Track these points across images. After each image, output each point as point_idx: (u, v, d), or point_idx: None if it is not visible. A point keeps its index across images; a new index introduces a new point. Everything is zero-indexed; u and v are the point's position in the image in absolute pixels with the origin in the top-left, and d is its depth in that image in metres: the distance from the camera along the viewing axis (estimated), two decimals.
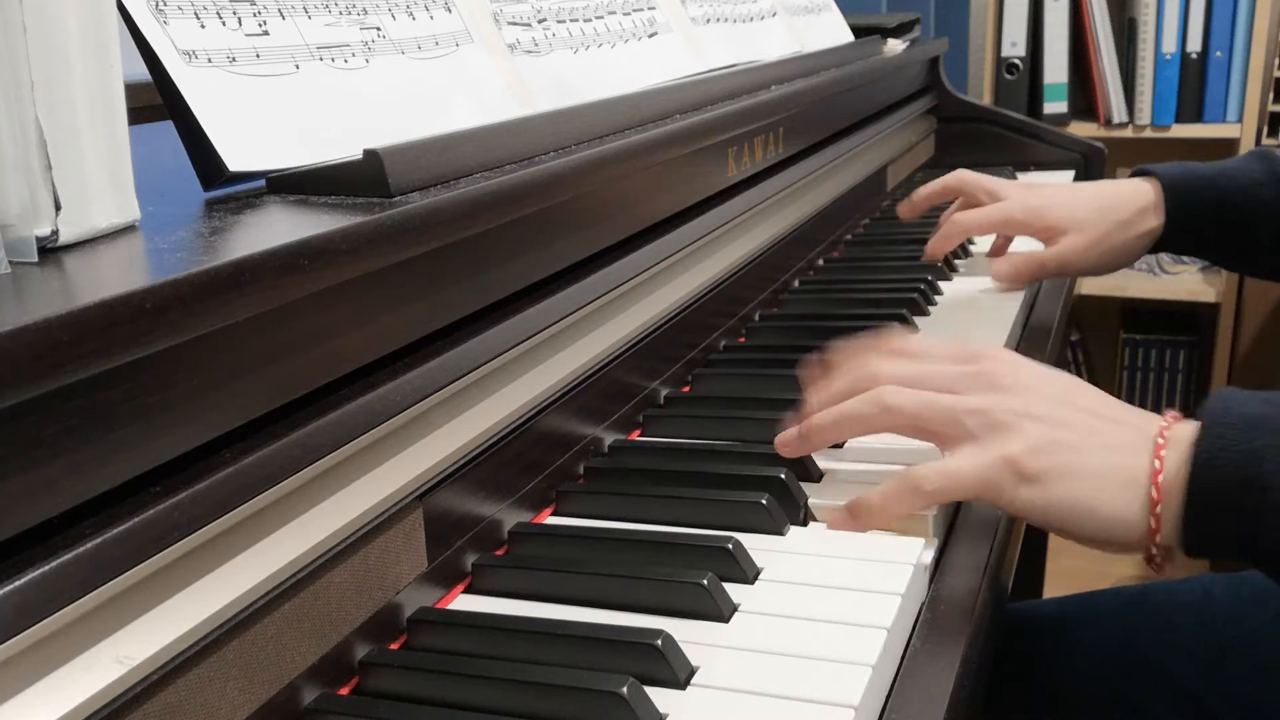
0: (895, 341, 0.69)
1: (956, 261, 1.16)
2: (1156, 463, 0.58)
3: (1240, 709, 0.77)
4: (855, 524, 0.62)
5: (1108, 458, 0.59)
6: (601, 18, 0.87)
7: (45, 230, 0.43)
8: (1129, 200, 1.02)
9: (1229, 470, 0.55)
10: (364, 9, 0.64)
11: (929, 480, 0.60)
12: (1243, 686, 0.78)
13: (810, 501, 0.66)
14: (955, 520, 0.65)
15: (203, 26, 0.55)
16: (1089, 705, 0.83)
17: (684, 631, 0.52)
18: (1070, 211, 1.02)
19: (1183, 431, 0.59)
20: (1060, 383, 0.64)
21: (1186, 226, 1.01)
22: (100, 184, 0.45)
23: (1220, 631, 0.80)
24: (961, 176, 1.11)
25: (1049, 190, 1.08)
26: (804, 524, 0.64)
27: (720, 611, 0.54)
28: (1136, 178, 1.04)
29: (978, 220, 1.07)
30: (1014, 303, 1.01)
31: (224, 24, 0.56)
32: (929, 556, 0.60)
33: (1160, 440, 0.59)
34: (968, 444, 0.60)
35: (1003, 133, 1.64)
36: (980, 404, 0.61)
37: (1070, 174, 1.57)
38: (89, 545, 0.38)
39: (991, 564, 0.61)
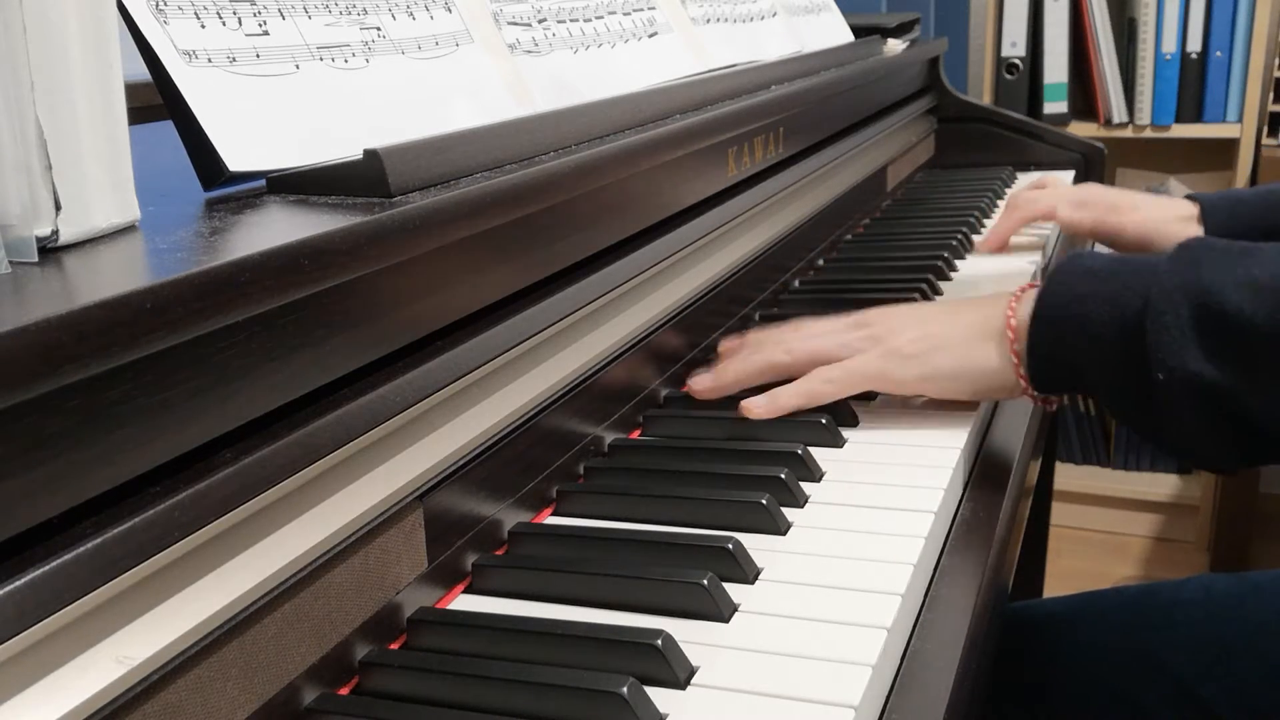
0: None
1: (957, 261, 1.16)
2: (1009, 312, 0.72)
3: (1242, 708, 0.77)
4: (772, 408, 0.75)
5: (971, 325, 0.74)
6: (601, 18, 0.87)
7: (45, 230, 0.43)
8: (1170, 206, 1.10)
9: (1060, 312, 0.69)
10: (364, 9, 0.64)
11: (830, 382, 0.75)
12: (1244, 685, 0.78)
13: (811, 500, 0.66)
14: (955, 521, 0.65)
15: (203, 26, 0.55)
16: (1090, 704, 0.83)
17: (684, 631, 0.52)
18: (1130, 196, 1.13)
19: (1034, 291, 0.72)
20: (921, 305, 0.81)
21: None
22: (100, 184, 0.45)
23: (1221, 630, 0.80)
24: (1015, 193, 1.21)
25: (1097, 186, 1.19)
26: (803, 508, 0.64)
27: (720, 611, 0.54)
28: (1185, 199, 1.11)
29: (1029, 208, 1.18)
30: None
31: (224, 24, 0.56)
32: (930, 557, 0.60)
33: (1013, 298, 0.73)
34: (858, 355, 0.75)
35: (1003, 133, 1.64)
36: (862, 332, 0.77)
37: (1070, 174, 1.57)
38: (89, 545, 0.38)
39: (991, 564, 0.61)
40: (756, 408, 0.74)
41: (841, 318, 0.80)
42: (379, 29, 0.64)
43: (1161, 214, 1.09)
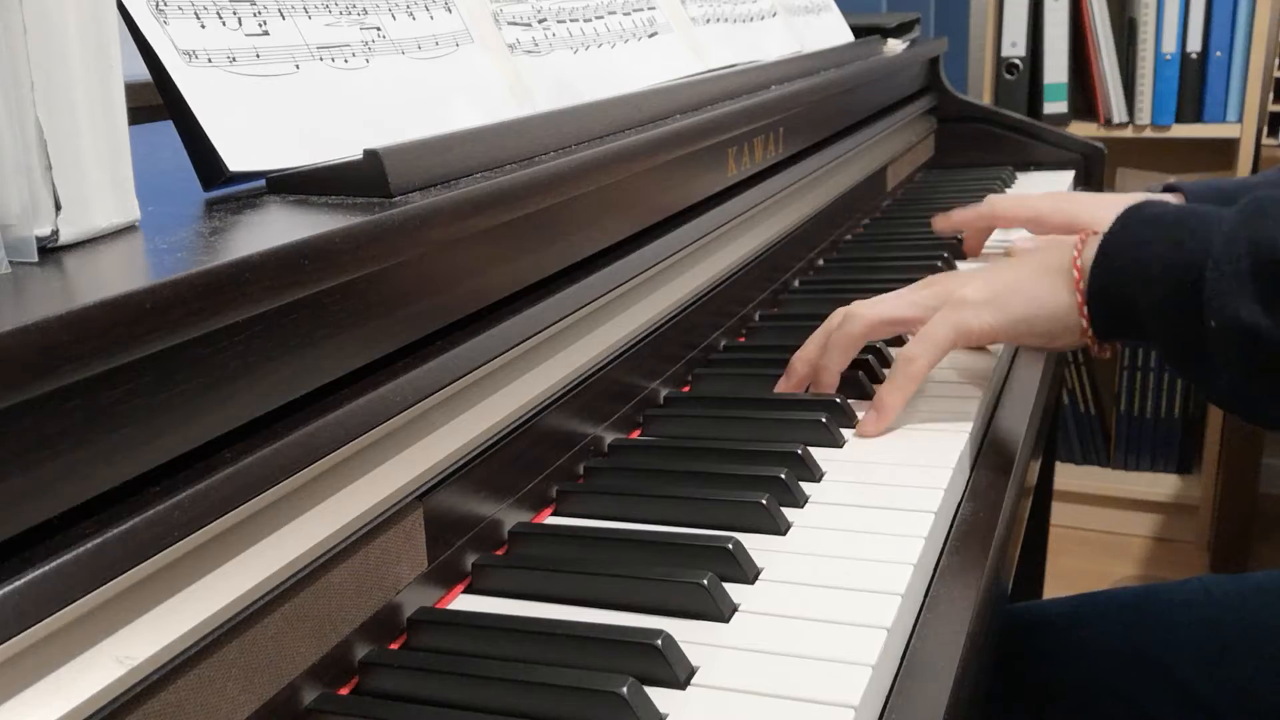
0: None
1: (957, 261, 1.16)
2: (1074, 253, 0.73)
3: (1243, 707, 0.77)
4: (881, 422, 0.74)
5: (1040, 270, 0.75)
6: (601, 18, 0.87)
7: (45, 230, 0.43)
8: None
9: (1123, 255, 0.70)
10: (364, 9, 0.64)
11: (916, 353, 0.75)
12: (1245, 684, 0.78)
13: (811, 500, 0.66)
14: (955, 521, 0.65)
15: (203, 26, 0.55)
16: (1090, 704, 0.83)
17: (684, 631, 0.52)
18: (1095, 211, 1.07)
19: (1099, 234, 0.73)
20: (982, 273, 0.80)
21: None
22: (100, 184, 0.45)
23: (1222, 630, 0.80)
24: (994, 206, 1.16)
25: (1078, 195, 1.15)
26: (803, 508, 0.64)
27: (720, 611, 0.54)
28: (1165, 192, 1.06)
29: (1011, 208, 1.13)
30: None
31: (224, 24, 0.56)
32: (930, 557, 0.60)
33: (1079, 240, 0.74)
34: (932, 317, 0.76)
35: (1003, 133, 1.64)
36: (929, 289, 0.79)
37: (1070, 174, 1.57)
38: (89, 545, 0.38)
39: (991, 564, 0.61)
40: (872, 429, 0.74)
41: (903, 289, 0.81)
42: (379, 29, 0.64)
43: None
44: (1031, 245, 1.08)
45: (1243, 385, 0.64)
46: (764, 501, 0.63)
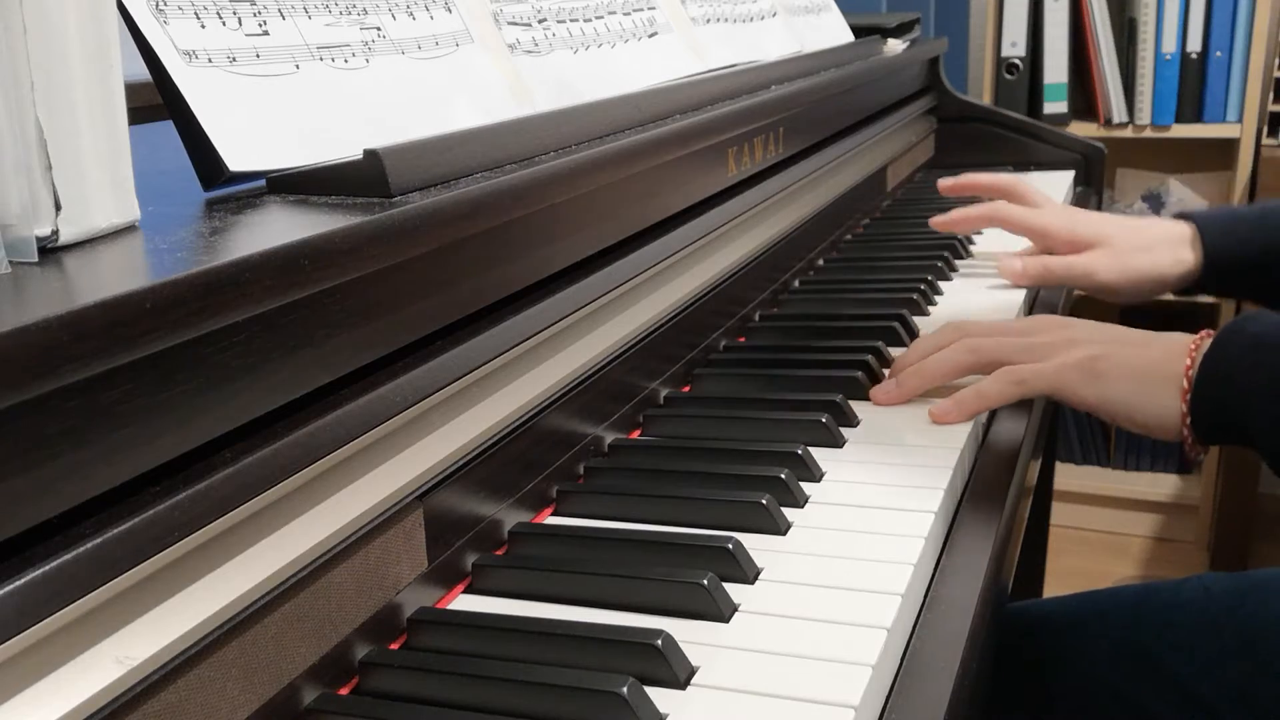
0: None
1: (957, 261, 1.16)
2: (1188, 360, 0.74)
3: (1242, 707, 0.77)
4: (959, 413, 0.76)
5: (1153, 361, 0.76)
6: (601, 18, 0.87)
7: (45, 230, 0.43)
8: (1160, 229, 1.05)
9: (1225, 372, 0.72)
10: (364, 9, 0.64)
11: (1026, 375, 0.76)
12: (1244, 685, 0.77)
13: (811, 500, 0.66)
14: (955, 521, 0.65)
15: (203, 26, 0.55)
16: (1090, 704, 0.83)
17: (684, 631, 0.52)
18: (1099, 229, 1.06)
19: (1207, 346, 0.74)
20: (1105, 325, 0.80)
21: (1228, 264, 1.02)
22: (100, 184, 0.45)
23: (1221, 630, 0.80)
24: (1014, 183, 1.16)
25: (1082, 211, 1.12)
26: (803, 508, 0.64)
27: (720, 611, 0.54)
28: (1180, 219, 1.06)
29: (1019, 217, 1.11)
30: (1015, 302, 1.01)
31: (224, 24, 0.56)
32: (930, 557, 0.60)
33: (1193, 346, 0.75)
34: (1044, 362, 0.77)
35: (1003, 133, 1.64)
36: (1045, 338, 0.79)
37: (1070, 174, 1.57)
38: (89, 545, 0.38)
39: (991, 564, 0.61)
40: (945, 415, 0.76)
41: (1016, 320, 0.82)
42: (379, 29, 0.64)
43: (1138, 244, 1.05)
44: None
45: None
46: (764, 501, 0.63)
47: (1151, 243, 1.04)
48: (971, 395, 0.76)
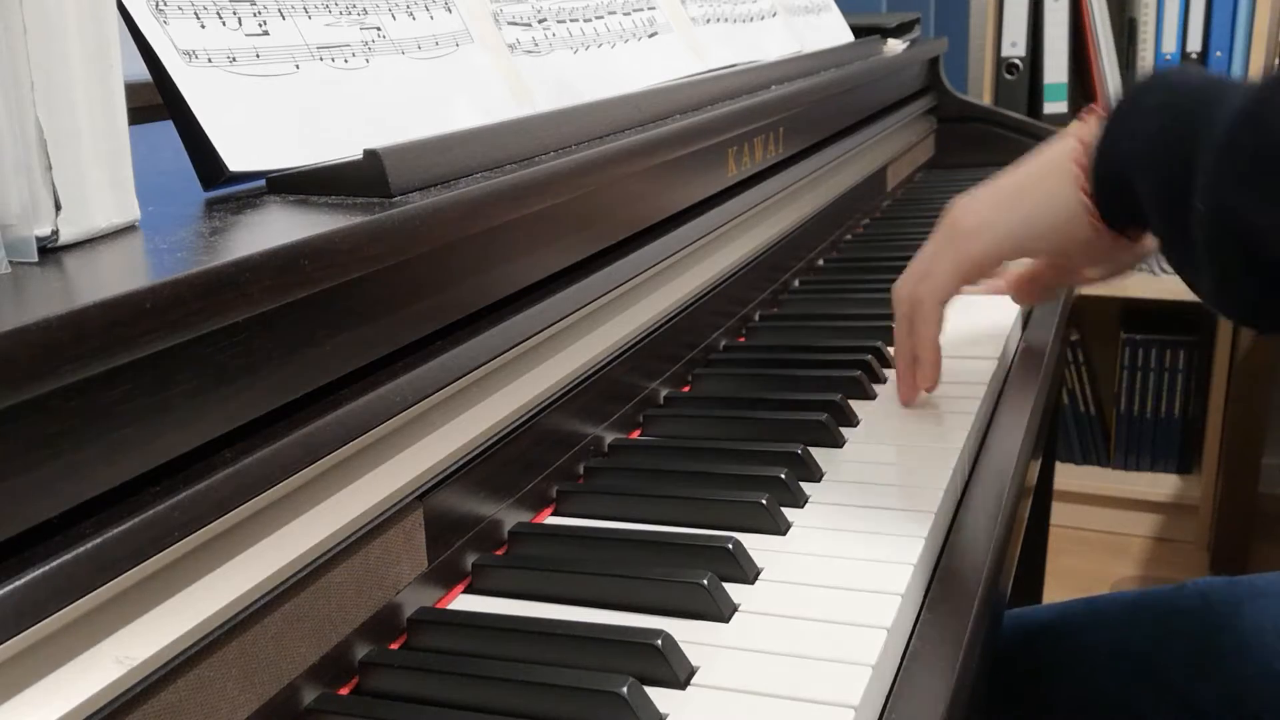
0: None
1: None
2: (1074, 142, 0.68)
3: (1239, 713, 0.77)
4: (928, 374, 0.77)
5: (1037, 173, 0.71)
6: (601, 18, 0.87)
7: (45, 230, 0.43)
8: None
9: (1124, 136, 0.65)
10: (364, 9, 0.64)
11: (922, 294, 0.75)
12: (1243, 692, 0.77)
13: (811, 500, 0.66)
14: (955, 521, 0.65)
15: (203, 26, 0.55)
16: (1087, 709, 0.83)
17: (684, 631, 0.52)
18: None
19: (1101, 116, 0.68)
20: (980, 191, 0.76)
21: None
22: (100, 184, 0.45)
23: (1219, 637, 0.80)
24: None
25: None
26: (803, 509, 0.64)
27: (720, 611, 0.54)
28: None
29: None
30: (1014, 302, 1.01)
31: (224, 24, 0.56)
32: (930, 557, 0.60)
33: (1080, 126, 0.69)
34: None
35: (1003, 133, 1.64)
36: (939, 232, 0.77)
37: None
38: (89, 545, 0.38)
39: (991, 564, 0.61)
40: (910, 391, 0.77)
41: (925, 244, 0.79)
42: (379, 29, 0.64)
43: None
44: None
45: (1229, 281, 0.59)
46: (764, 501, 0.63)
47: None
48: (919, 346, 0.76)
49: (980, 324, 0.96)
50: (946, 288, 0.75)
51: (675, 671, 0.49)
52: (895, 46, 1.46)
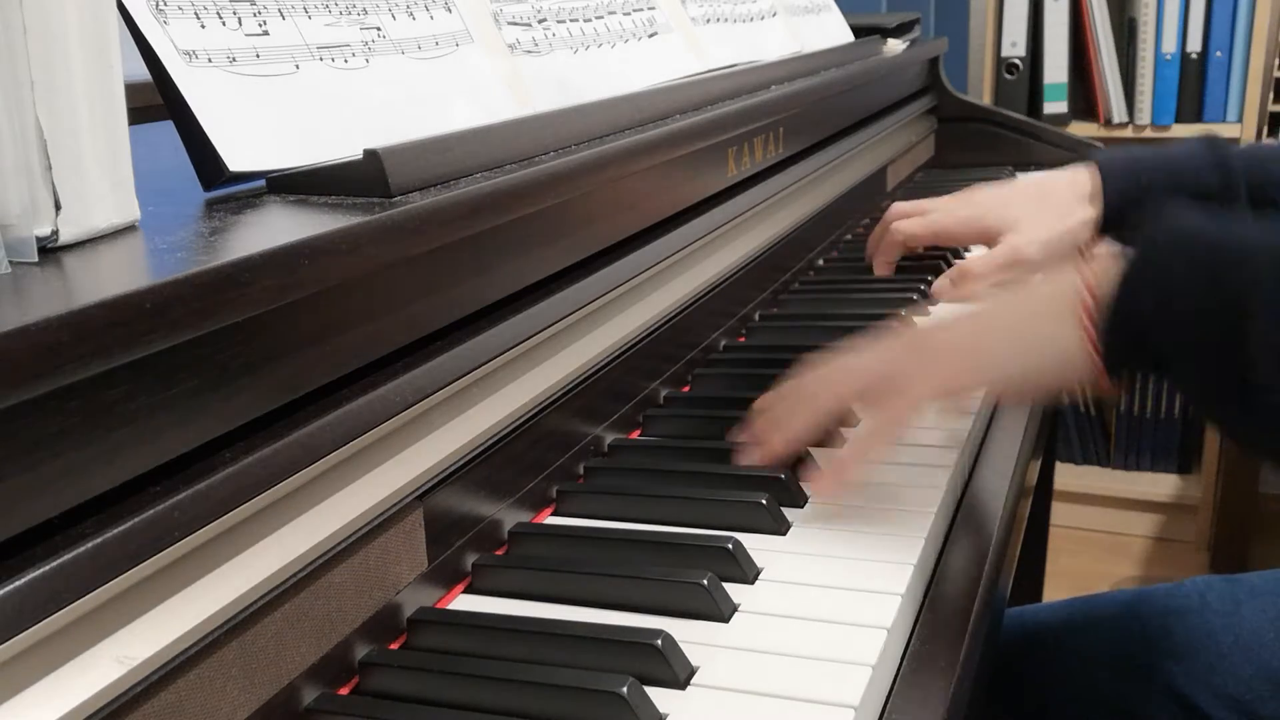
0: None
1: (956, 261, 1.16)
2: (1080, 281, 0.62)
3: (1238, 714, 0.77)
4: (836, 484, 0.66)
5: (1033, 310, 0.64)
6: (601, 18, 0.87)
7: (45, 230, 0.43)
8: (1064, 190, 1.01)
9: (1145, 291, 0.59)
10: (364, 9, 0.64)
11: (886, 417, 0.65)
12: (1241, 692, 0.77)
13: (811, 501, 0.66)
14: (955, 521, 0.65)
15: (203, 26, 0.55)
16: (1086, 709, 0.83)
17: (684, 631, 0.52)
18: (1003, 212, 1.02)
19: (1113, 262, 0.62)
20: (964, 318, 0.68)
21: (1125, 210, 0.98)
22: (100, 184, 0.45)
23: (1217, 636, 0.80)
24: (894, 208, 1.09)
25: (982, 195, 1.07)
26: (803, 509, 0.64)
27: (720, 611, 0.54)
28: (1079, 165, 1.02)
29: (910, 232, 1.06)
30: None
31: (224, 24, 0.56)
32: (930, 556, 0.60)
33: (1084, 268, 0.62)
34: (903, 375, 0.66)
35: (1003, 133, 1.64)
36: (899, 342, 0.68)
37: None
38: (89, 545, 0.38)
39: (991, 564, 0.61)
40: (827, 488, 0.66)
41: (871, 344, 0.71)
42: (379, 29, 0.64)
43: (1049, 218, 0.99)
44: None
45: None
46: (764, 501, 0.63)
47: (1062, 208, 1.00)
48: (850, 459, 0.66)
49: None
50: (917, 410, 0.66)
51: (675, 671, 0.49)
52: (895, 46, 1.46)
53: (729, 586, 0.56)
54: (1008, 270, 1.00)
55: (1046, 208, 1.00)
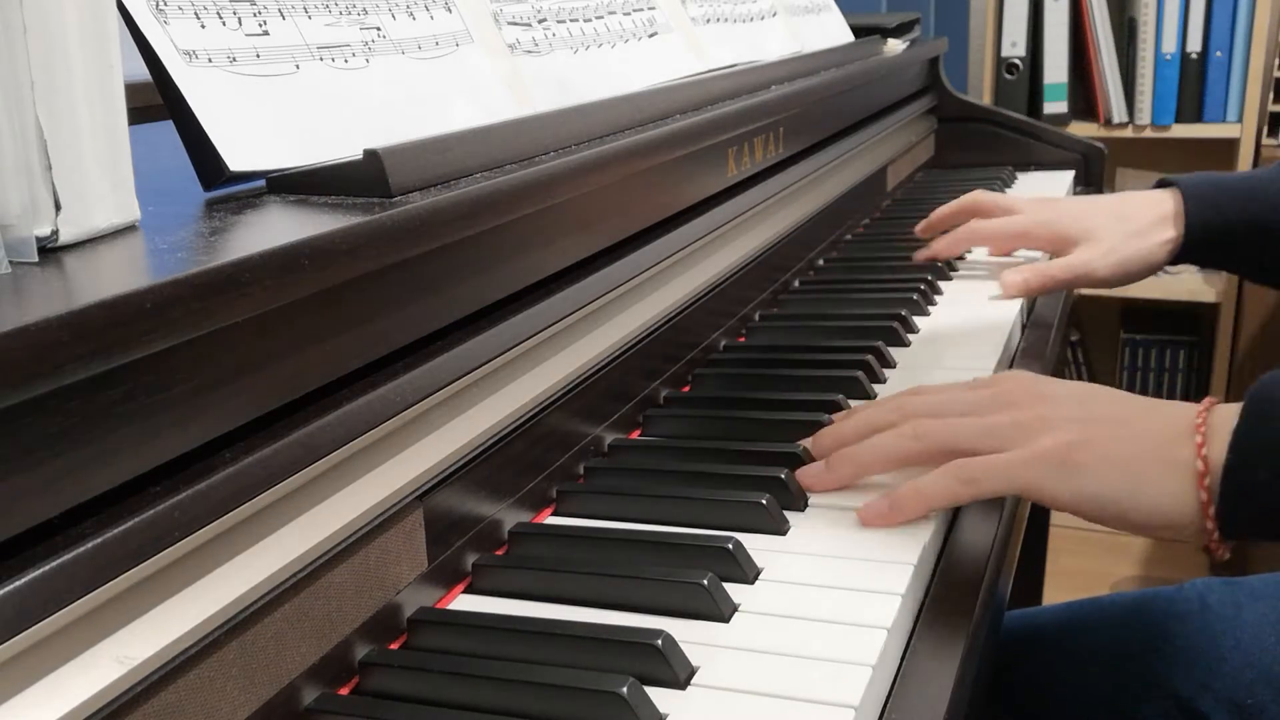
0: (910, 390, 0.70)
1: (956, 262, 1.16)
2: (1198, 438, 0.58)
3: (1238, 715, 0.77)
4: (894, 517, 0.61)
5: (1146, 445, 0.60)
6: (601, 18, 0.87)
7: (45, 230, 0.43)
8: (1144, 210, 1.02)
9: (1266, 459, 0.56)
10: (364, 9, 0.64)
11: (978, 473, 0.61)
12: (1240, 694, 0.77)
13: (810, 501, 0.66)
14: (955, 521, 0.65)
15: (203, 26, 0.55)
16: (1086, 710, 0.83)
17: (684, 631, 0.52)
18: (1083, 222, 1.03)
19: (1224, 411, 0.59)
20: (1081, 387, 0.65)
21: (1208, 238, 1.00)
22: (100, 184, 0.45)
23: (1217, 639, 0.80)
24: (978, 197, 1.12)
25: (1064, 203, 1.08)
26: (803, 510, 0.64)
27: (720, 611, 0.54)
28: (1158, 188, 1.04)
29: (993, 231, 1.08)
30: (1014, 303, 1.01)
31: (224, 24, 0.56)
32: (930, 557, 0.60)
33: (1199, 420, 0.60)
34: (1007, 452, 0.61)
35: (1003, 133, 1.64)
36: (1009, 417, 0.63)
37: (1070, 174, 1.57)
38: (89, 545, 0.38)
39: (991, 565, 0.61)
40: (878, 518, 0.62)
41: (978, 387, 0.67)
42: (379, 29, 0.64)
43: (1126, 231, 1.00)
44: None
45: None
46: (764, 501, 0.63)
47: (1141, 226, 1.01)
48: (911, 495, 0.61)
49: (980, 324, 0.96)
50: (985, 494, 0.62)
51: (675, 671, 0.49)
52: (895, 46, 1.46)
53: (729, 586, 0.56)
54: (1065, 284, 1.02)
55: (1125, 225, 1.02)
